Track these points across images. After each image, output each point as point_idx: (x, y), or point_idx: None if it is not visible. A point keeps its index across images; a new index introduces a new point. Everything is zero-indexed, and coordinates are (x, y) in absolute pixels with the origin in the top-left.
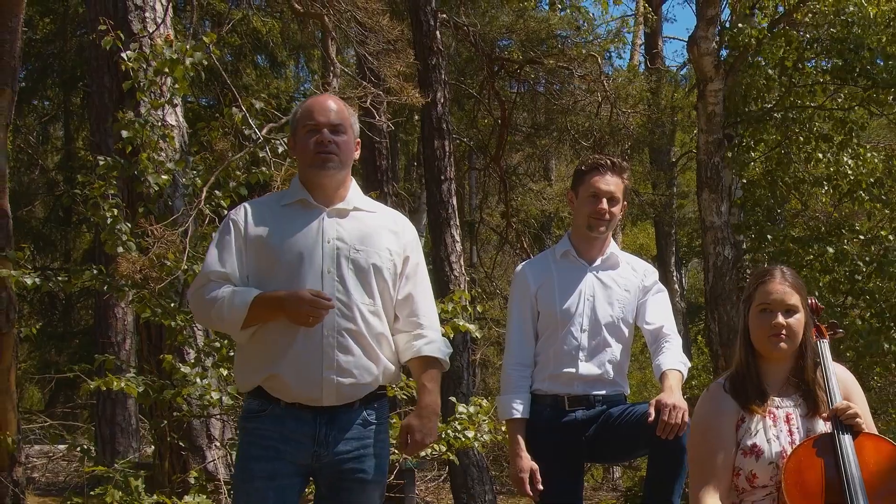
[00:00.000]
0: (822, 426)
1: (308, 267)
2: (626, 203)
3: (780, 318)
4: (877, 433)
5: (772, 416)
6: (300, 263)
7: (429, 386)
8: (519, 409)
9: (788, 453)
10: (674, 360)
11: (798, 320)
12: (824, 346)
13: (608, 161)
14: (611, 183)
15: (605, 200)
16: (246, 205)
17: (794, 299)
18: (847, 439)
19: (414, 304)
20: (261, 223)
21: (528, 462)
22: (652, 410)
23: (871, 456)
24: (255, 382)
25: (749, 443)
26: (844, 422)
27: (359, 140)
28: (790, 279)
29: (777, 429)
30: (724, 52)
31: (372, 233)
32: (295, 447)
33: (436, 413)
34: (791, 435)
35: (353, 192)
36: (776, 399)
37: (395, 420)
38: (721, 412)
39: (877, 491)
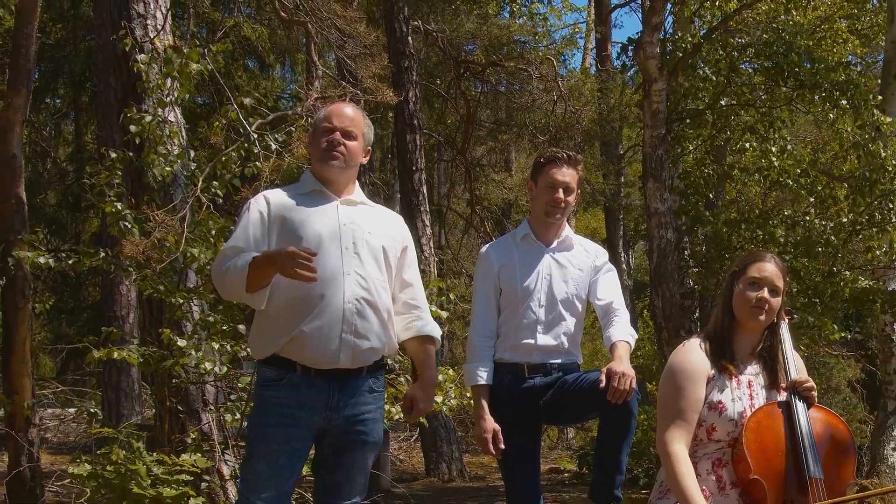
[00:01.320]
0: (778, 396)
1: (329, 244)
2: (579, 192)
3: (766, 294)
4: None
5: (737, 379)
6: (322, 240)
7: (429, 362)
8: (483, 375)
9: (748, 414)
10: (622, 332)
11: (778, 301)
12: (785, 327)
13: (564, 154)
14: (566, 174)
15: (561, 190)
16: (265, 193)
17: (780, 283)
18: (802, 407)
19: (412, 290)
20: (283, 206)
21: (491, 424)
22: (603, 378)
23: (821, 425)
24: (273, 349)
25: (715, 399)
26: (802, 393)
27: (369, 149)
28: (780, 265)
29: (740, 391)
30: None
31: (378, 220)
32: (309, 412)
33: (435, 385)
34: (752, 399)
35: (358, 190)
36: (742, 366)
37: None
38: (696, 365)
39: (825, 455)
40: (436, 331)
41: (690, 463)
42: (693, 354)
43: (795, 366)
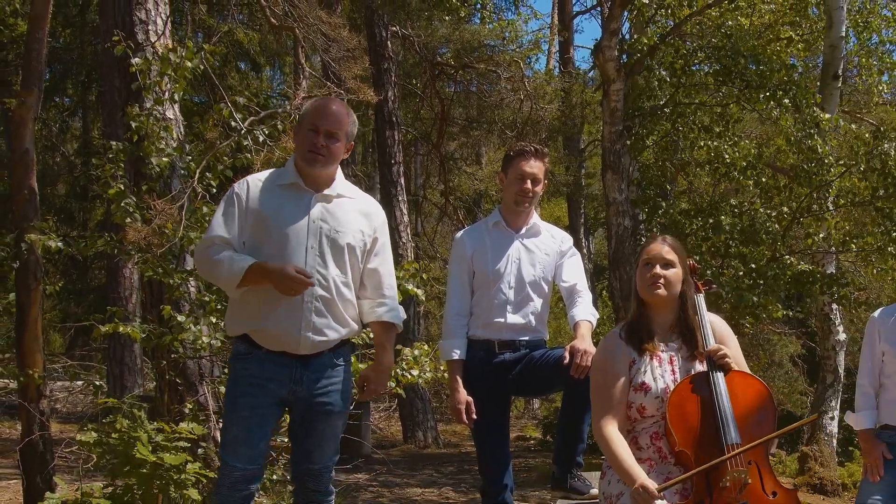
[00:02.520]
0: (700, 366)
1: (295, 242)
2: (545, 182)
3: (658, 270)
4: (748, 371)
5: (658, 358)
6: (288, 238)
7: (386, 346)
8: (457, 351)
9: (671, 389)
10: (585, 312)
11: (675, 273)
12: (701, 300)
13: (532, 148)
14: (534, 167)
15: (529, 181)
16: (248, 180)
17: (671, 256)
18: (719, 376)
19: (378, 277)
20: (259, 200)
21: (464, 396)
22: (567, 354)
23: (739, 389)
24: (243, 330)
25: (639, 381)
26: (717, 362)
27: (351, 143)
28: (669, 242)
29: (662, 369)
30: (624, 58)
31: (350, 217)
32: (275, 385)
33: (389, 369)
34: (674, 374)
35: (339, 180)
36: (661, 344)
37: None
38: (616, 356)
39: (745, 419)
40: (397, 317)
41: (624, 441)
42: (609, 349)
43: (713, 335)
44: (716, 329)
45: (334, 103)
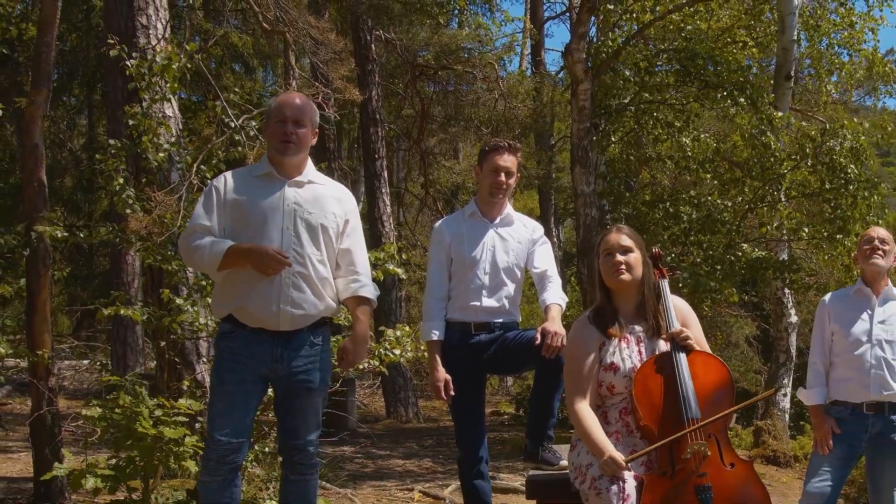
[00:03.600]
0: (664, 346)
1: (272, 224)
2: (518, 175)
3: (619, 257)
4: (708, 351)
5: (625, 340)
6: (265, 221)
7: (361, 318)
8: (437, 332)
9: (638, 368)
10: (555, 296)
11: (635, 258)
12: (664, 284)
13: (506, 143)
14: (507, 160)
15: (502, 174)
16: (226, 174)
17: (628, 242)
18: (681, 356)
19: (351, 256)
20: (236, 189)
21: (443, 374)
22: (538, 335)
23: (700, 369)
24: (227, 311)
25: (608, 361)
26: (679, 343)
27: (316, 130)
28: (625, 230)
29: (630, 350)
30: (591, 60)
31: (321, 200)
32: (257, 362)
33: (366, 340)
34: (640, 354)
35: (309, 169)
36: (628, 326)
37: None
38: (586, 339)
39: (705, 396)
40: (370, 292)
41: (594, 416)
42: (580, 333)
43: (676, 317)
44: (679, 312)
45: (296, 96)
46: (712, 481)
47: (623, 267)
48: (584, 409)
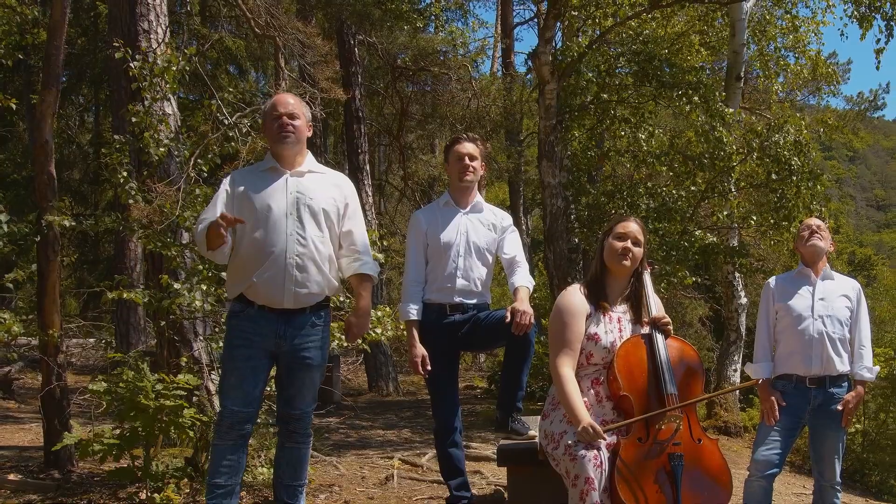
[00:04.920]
0: (643, 329)
1: (276, 211)
2: (484, 163)
3: (629, 244)
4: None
5: (609, 316)
6: (270, 209)
7: (364, 294)
8: (414, 312)
9: (618, 343)
10: (523, 279)
11: (640, 251)
12: (647, 276)
13: (464, 134)
14: (468, 147)
15: (466, 157)
16: (233, 173)
17: (641, 236)
18: (661, 338)
19: (353, 237)
20: (244, 183)
21: (420, 350)
22: (508, 315)
23: (676, 351)
24: (238, 291)
25: (592, 331)
26: (660, 327)
27: (311, 124)
28: (641, 225)
29: (612, 325)
30: (557, 62)
31: (322, 187)
32: (263, 338)
33: (368, 313)
34: (620, 331)
35: (308, 160)
36: (613, 306)
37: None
38: (577, 305)
39: (680, 375)
40: (372, 269)
41: (576, 382)
42: (574, 296)
43: (656, 306)
44: (656, 302)
45: (288, 95)
46: (684, 451)
47: (630, 255)
48: (568, 373)
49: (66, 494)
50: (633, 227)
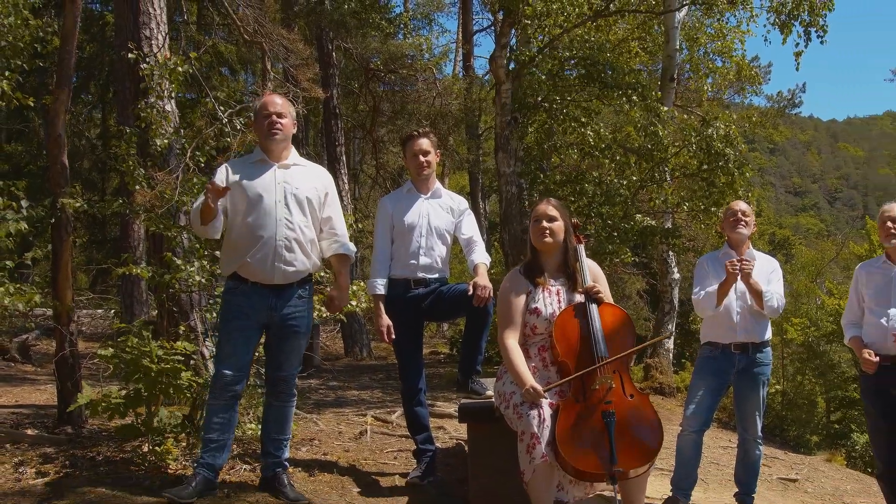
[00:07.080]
0: (579, 298)
1: (267, 199)
2: (438, 152)
3: (544, 224)
4: (612, 303)
5: (548, 290)
6: (261, 197)
7: (343, 272)
8: (381, 287)
9: (557, 314)
10: (481, 256)
11: (558, 225)
12: (581, 248)
13: (417, 131)
14: (422, 143)
15: (420, 156)
16: (227, 164)
17: (554, 212)
18: (593, 307)
19: (332, 222)
20: (236, 173)
21: (386, 321)
22: (470, 288)
23: (608, 317)
24: (232, 269)
25: (533, 306)
26: (592, 295)
27: (295, 122)
28: (552, 202)
29: (551, 298)
30: (512, 65)
31: (305, 178)
32: (256, 311)
33: (347, 288)
34: (559, 303)
35: (293, 154)
36: (550, 280)
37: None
38: (517, 286)
39: (612, 338)
40: (349, 250)
41: (520, 350)
42: (512, 279)
43: (589, 276)
44: (592, 271)
45: (276, 95)
46: (615, 408)
47: (548, 232)
48: (513, 344)
49: (78, 447)
50: (543, 207)
